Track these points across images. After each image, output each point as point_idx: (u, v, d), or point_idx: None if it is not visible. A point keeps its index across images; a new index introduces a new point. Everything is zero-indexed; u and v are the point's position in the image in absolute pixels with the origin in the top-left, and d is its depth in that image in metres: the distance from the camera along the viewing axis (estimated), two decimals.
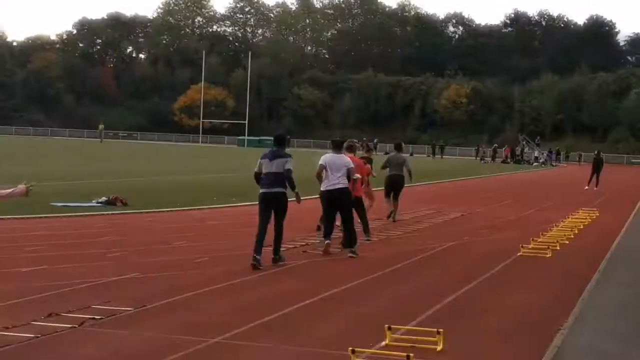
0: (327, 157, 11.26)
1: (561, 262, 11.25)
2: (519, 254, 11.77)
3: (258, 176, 10.27)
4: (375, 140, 63.98)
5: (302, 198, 10.57)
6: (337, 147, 11.45)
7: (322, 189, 11.13)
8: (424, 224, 15.90)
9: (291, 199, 10.38)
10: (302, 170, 10.84)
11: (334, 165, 11.10)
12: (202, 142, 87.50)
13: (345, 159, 11.33)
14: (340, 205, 11.11)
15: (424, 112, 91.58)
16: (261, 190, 10.18)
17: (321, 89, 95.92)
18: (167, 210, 16.47)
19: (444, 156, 71.15)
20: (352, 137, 22.33)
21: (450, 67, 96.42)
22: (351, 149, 12.43)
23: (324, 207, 11.34)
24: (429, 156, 73.57)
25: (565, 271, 10.57)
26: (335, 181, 11.02)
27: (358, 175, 11.28)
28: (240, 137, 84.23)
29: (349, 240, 11.19)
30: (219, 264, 10.07)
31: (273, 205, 10.13)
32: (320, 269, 10.16)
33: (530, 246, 12.43)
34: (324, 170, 11.12)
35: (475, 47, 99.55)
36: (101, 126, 75.13)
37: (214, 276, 9.17)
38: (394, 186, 15.87)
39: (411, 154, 70.81)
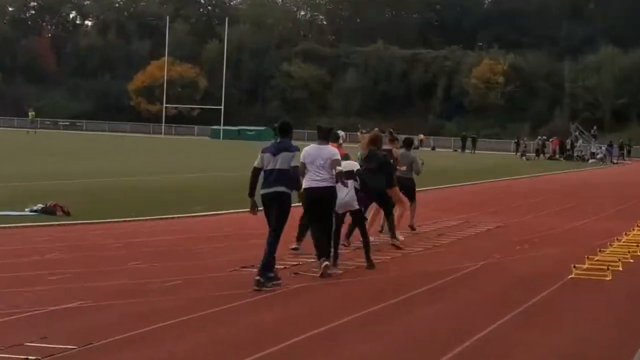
0: (308, 150, 11.45)
1: (624, 285, 11.26)
2: (570, 276, 11.78)
3: (257, 172, 10.60)
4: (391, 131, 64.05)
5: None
6: (324, 137, 11.61)
7: (304, 185, 11.25)
8: (450, 237, 15.95)
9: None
10: None
11: (319, 158, 11.26)
12: (165, 133, 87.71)
13: (331, 149, 11.52)
14: (325, 205, 11.25)
15: (448, 94, 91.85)
16: (261, 192, 10.54)
17: (318, 64, 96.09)
18: (121, 221, 16.47)
19: (476, 151, 71.26)
20: (358, 125, 22.35)
21: (482, 37, 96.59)
22: (336, 138, 12.66)
23: (307, 211, 11.57)
24: (456, 150, 73.79)
25: (629, 296, 10.58)
26: (319, 177, 11.19)
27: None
28: (214, 127, 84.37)
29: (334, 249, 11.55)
30: (186, 289, 10.06)
31: (274, 206, 10.42)
32: (316, 294, 10.17)
33: (585, 266, 12.44)
34: (305, 168, 11.30)
35: (513, 12, 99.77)
36: (32, 113, 75.00)
37: (181, 305, 9.17)
38: (401, 189, 16.21)
39: (433, 148, 71.08)
